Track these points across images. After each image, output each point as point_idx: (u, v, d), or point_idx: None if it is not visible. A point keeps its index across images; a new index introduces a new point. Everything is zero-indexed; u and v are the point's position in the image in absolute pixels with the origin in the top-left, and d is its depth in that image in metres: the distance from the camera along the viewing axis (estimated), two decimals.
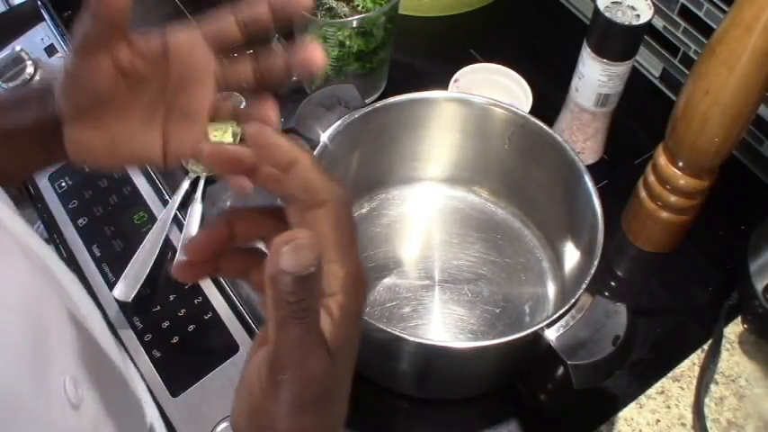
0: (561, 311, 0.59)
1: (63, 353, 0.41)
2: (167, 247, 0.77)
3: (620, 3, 0.71)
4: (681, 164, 0.70)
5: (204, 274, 0.38)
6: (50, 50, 0.94)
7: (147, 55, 0.43)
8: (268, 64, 0.46)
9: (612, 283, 0.77)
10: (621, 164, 0.85)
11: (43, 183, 0.84)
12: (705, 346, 0.72)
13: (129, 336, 0.72)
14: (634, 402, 0.69)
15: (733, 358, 0.72)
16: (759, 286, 0.69)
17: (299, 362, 0.32)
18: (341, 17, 0.85)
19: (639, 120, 0.88)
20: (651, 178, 0.74)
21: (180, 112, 0.46)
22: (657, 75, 0.93)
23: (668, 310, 0.76)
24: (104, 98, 0.43)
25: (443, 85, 0.83)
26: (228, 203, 0.80)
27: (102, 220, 0.80)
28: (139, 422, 0.52)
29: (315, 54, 0.43)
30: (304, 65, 0.44)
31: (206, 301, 0.74)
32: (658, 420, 0.68)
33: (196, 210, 0.78)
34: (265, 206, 0.38)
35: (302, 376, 0.33)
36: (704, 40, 0.84)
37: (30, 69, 0.90)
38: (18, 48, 0.92)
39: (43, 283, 0.42)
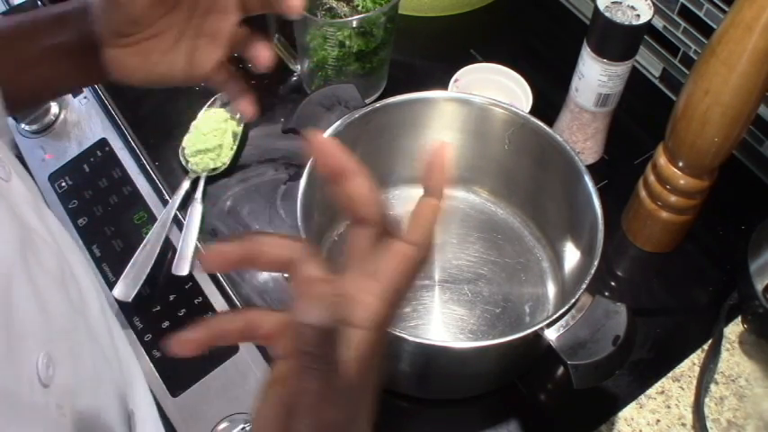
0: (561, 311, 0.59)
1: (39, 330, 0.41)
2: (167, 247, 0.77)
3: (620, 3, 0.71)
4: (681, 164, 0.70)
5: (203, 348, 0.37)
6: None
7: None
8: None
9: (612, 283, 0.77)
10: (621, 164, 0.85)
11: (43, 183, 0.84)
12: (705, 346, 0.72)
13: (129, 336, 0.72)
14: (634, 402, 0.69)
15: (733, 358, 0.72)
16: (759, 286, 0.69)
17: (315, 411, 0.32)
18: (341, 17, 0.85)
19: (639, 120, 0.88)
20: (651, 178, 0.74)
21: (205, 34, 0.49)
22: (657, 75, 0.93)
23: (668, 310, 0.76)
24: (140, 23, 0.46)
25: (443, 85, 0.83)
26: (229, 203, 0.80)
27: (102, 220, 0.80)
28: (114, 407, 0.52)
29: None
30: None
31: (206, 301, 0.74)
32: (658, 420, 0.68)
33: (196, 210, 0.78)
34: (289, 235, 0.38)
35: (319, 426, 0.33)
36: (704, 40, 0.84)
37: None
38: None
39: (30, 255, 0.43)
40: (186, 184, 0.80)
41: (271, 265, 0.36)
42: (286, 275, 0.40)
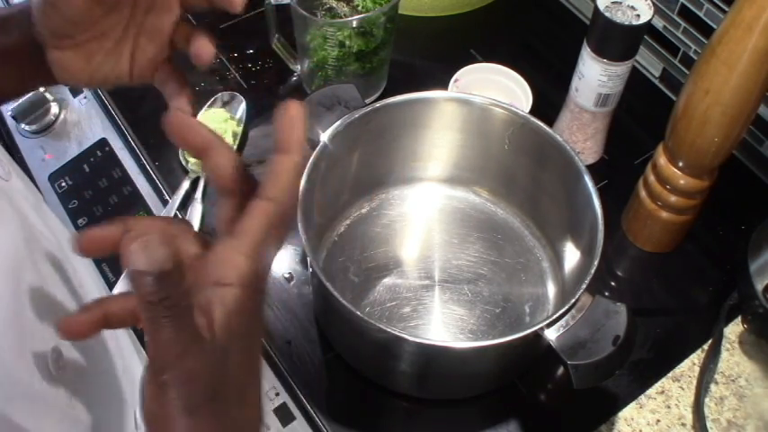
0: (561, 311, 0.59)
1: (47, 322, 0.42)
2: None
3: (620, 3, 0.71)
4: (681, 164, 0.70)
5: (94, 330, 0.37)
6: None
7: None
8: None
9: (612, 283, 0.77)
10: (621, 164, 0.85)
11: (43, 183, 0.84)
12: (705, 346, 0.72)
13: (129, 336, 0.72)
14: (634, 402, 0.69)
15: (733, 358, 0.72)
16: (759, 286, 0.69)
17: (175, 361, 0.32)
18: (341, 17, 0.85)
19: (639, 120, 0.88)
20: (651, 178, 0.74)
21: (147, 32, 0.49)
22: (657, 75, 0.93)
23: (668, 310, 0.76)
24: (80, 24, 0.46)
25: (443, 85, 0.84)
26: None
27: (103, 220, 0.80)
28: (123, 398, 0.52)
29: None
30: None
31: None
32: (658, 420, 0.68)
33: (196, 210, 0.78)
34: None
35: (182, 375, 0.32)
36: (704, 40, 0.84)
37: None
38: None
39: (35, 251, 0.43)
40: (186, 184, 0.80)
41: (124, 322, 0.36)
42: (286, 276, 0.40)
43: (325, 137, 0.67)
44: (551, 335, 0.58)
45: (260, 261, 0.35)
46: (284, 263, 0.75)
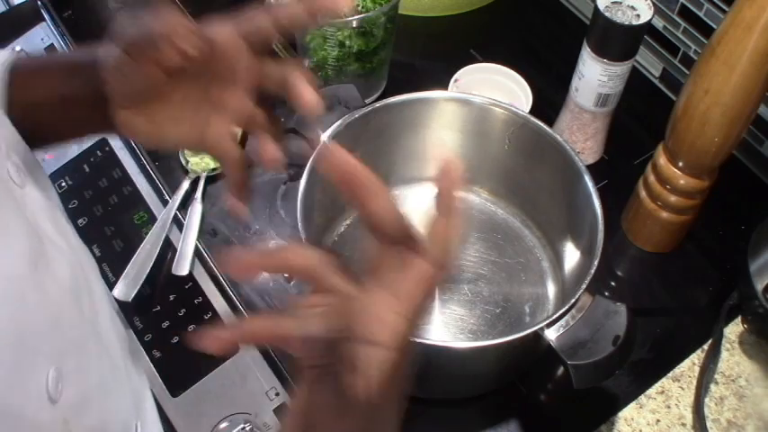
0: (561, 311, 0.59)
1: (49, 345, 0.41)
2: (167, 247, 0.77)
3: (620, 3, 0.71)
4: (681, 164, 0.70)
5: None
6: (50, 50, 0.94)
7: (196, 58, 0.44)
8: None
9: (612, 283, 0.77)
10: (621, 164, 0.85)
11: None
12: (705, 346, 0.72)
13: (129, 336, 0.72)
14: (634, 402, 0.69)
15: (733, 358, 0.72)
16: (759, 286, 0.69)
17: (329, 425, 0.31)
18: (341, 17, 0.85)
19: (639, 120, 0.88)
20: (651, 178, 0.74)
21: (220, 107, 0.48)
22: (657, 75, 0.93)
23: (668, 310, 0.76)
24: (151, 94, 0.46)
25: (443, 85, 0.83)
26: (229, 203, 0.80)
27: (102, 220, 0.80)
28: (121, 420, 0.52)
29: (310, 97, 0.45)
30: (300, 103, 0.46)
31: (206, 301, 0.74)
32: (658, 420, 0.68)
33: (196, 210, 0.78)
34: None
35: None
36: (704, 40, 0.84)
37: None
38: (18, 48, 0.92)
39: (41, 266, 0.42)
40: (186, 184, 0.80)
41: (296, 274, 0.36)
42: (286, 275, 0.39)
43: (325, 137, 0.67)
44: (551, 335, 0.58)
45: (414, 325, 0.34)
46: None
